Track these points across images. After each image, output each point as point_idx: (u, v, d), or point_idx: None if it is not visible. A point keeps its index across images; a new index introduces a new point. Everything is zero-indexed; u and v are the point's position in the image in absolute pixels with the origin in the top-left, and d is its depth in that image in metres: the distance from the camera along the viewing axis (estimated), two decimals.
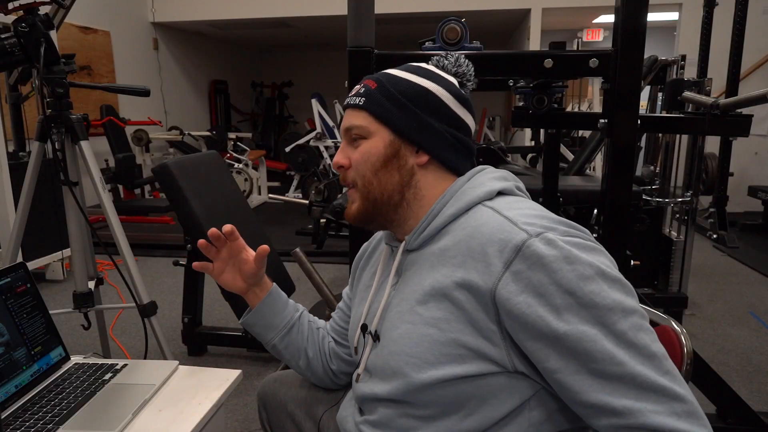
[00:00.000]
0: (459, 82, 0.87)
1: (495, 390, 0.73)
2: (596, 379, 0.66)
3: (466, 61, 0.88)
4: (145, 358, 1.89)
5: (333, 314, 1.07)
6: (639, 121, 1.46)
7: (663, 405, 0.64)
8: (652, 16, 6.58)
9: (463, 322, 0.72)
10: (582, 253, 0.68)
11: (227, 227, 0.94)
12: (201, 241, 0.95)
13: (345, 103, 0.87)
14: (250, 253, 0.97)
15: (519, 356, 0.71)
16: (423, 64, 0.87)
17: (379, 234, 0.98)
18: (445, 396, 0.74)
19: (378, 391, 0.81)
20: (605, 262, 0.70)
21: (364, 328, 0.88)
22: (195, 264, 0.97)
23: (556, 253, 0.67)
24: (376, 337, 0.84)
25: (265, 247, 0.94)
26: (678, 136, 2.95)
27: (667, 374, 0.65)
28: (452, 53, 0.89)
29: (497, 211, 0.75)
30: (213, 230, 0.94)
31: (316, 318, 1.09)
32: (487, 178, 0.82)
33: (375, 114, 0.82)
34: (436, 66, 0.87)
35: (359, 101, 0.83)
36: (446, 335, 0.73)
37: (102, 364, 1.09)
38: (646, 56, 2.04)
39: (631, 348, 0.65)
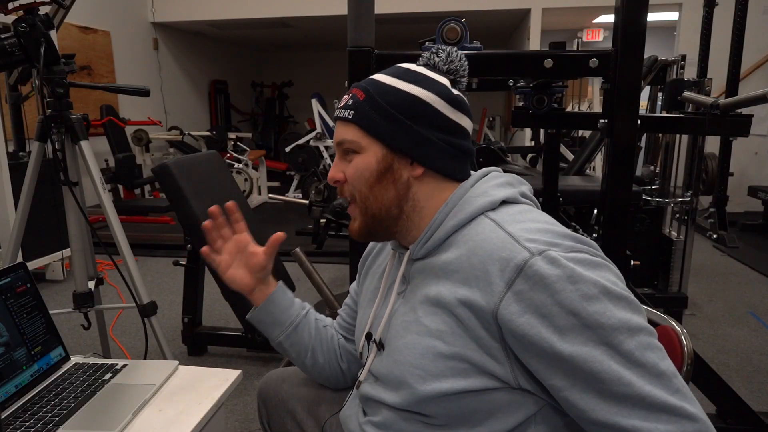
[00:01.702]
0: (452, 80, 0.82)
1: (500, 405, 0.72)
2: (604, 399, 0.65)
3: (459, 54, 0.83)
4: (145, 358, 1.89)
5: (340, 311, 1.07)
6: (639, 121, 1.46)
7: (674, 425, 0.63)
8: (652, 16, 6.58)
9: (466, 338, 0.71)
10: (586, 270, 0.66)
11: (229, 203, 0.94)
12: (206, 222, 0.95)
13: (335, 114, 0.84)
14: (257, 247, 0.97)
15: (523, 373, 0.70)
16: (412, 66, 0.82)
17: None
18: (451, 408, 0.74)
19: (384, 397, 0.81)
20: (611, 278, 0.68)
21: (368, 336, 0.87)
22: (203, 249, 0.96)
23: (558, 273, 0.65)
24: (380, 346, 0.83)
25: (279, 234, 0.93)
26: (678, 136, 2.95)
27: (677, 393, 0.64)
28: (443, 47, 0.84)
29: (499, 225, 0.73)
30: (214, 207, 0.94)
31: (322, 316, 1.08)
32: (490, 185, 0.80)
33: (365, 128, 0.79)
34: (426, 65, 0.83)
35: (348, 114, 0.80)
36: (450, 348, 0.72)
37: (102, 364, 1.09)
38: (646, 56, 2.04)
39: (639, 368, 0.64)
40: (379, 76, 0.82)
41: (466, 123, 0.82)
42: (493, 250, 0.70)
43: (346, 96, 0.83)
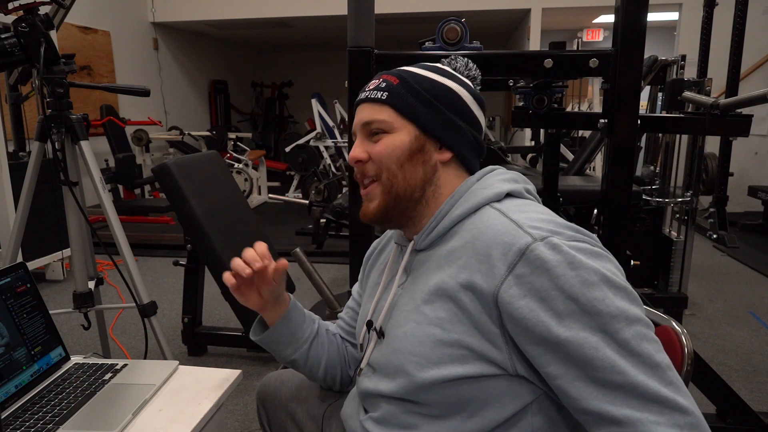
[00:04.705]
0: None
1: (497, 393, 0.73)
2: (597, 387, 0.65)
3: (474, 65, 0.90)
4: (145, 358, 1.89)
5: (342, 314, 1.06)
6: (639, 121, 1.46)
7: (665, 416, 0.63)
8: (652, 16, 6.58)
9: (467, 324, 0.72)
10: (587, 258, 0.67)
11: (260, 250, 0.85)
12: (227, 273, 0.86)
13: (362, 96, 0.85)
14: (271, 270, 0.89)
15: (521, 360, 0.71)
16: (438, 64, 0.88)
17: (390, 232, 0.98)
18: (448, 396, 0.74)
19: (382, 388, 0.81)
20: (611, 268, 0.69)
21: (369, 324, 0.88)
22: (226, 274, 0.85)
23: (560, 258, 0.66)
24: (380, 334, 0.84)
25: (283, 261, 0.86)
26: (678, 136, 2.95)
27: (670, 385, 0.64)
28: (460, 57, 0.90)
29: (504, 214, 0.75)
30: (242, 258, 0.85)
31: (328, 323, 1.06)
32: (496, 179, 0.82)
33: (400, 109, 0.81)
34: (449, 66, 0.89)
35: (381, 95, 0.82)
36: (449, 335, 0.73)
37: (102, 364, 1.09)
38: (646, 56, 2.04)
39: (634, 357, 0.64)
40: (409, 68, 0.86)
41: (483, 122, 0.88)
42: (496, 235, 0.72)
43: (374, 81, 0.85)
